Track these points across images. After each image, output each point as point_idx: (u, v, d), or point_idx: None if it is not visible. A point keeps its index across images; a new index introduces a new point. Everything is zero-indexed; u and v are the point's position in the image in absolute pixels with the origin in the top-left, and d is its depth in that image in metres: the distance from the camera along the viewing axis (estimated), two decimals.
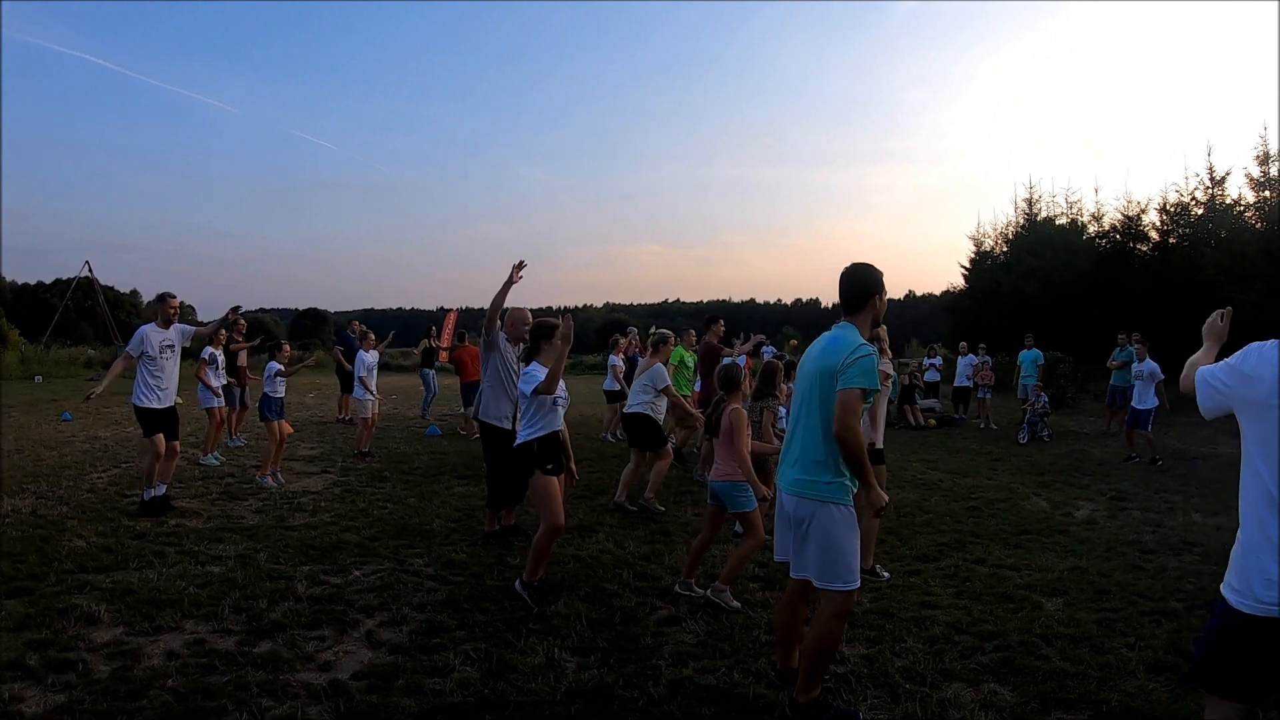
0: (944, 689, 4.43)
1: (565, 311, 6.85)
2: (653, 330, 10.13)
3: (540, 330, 5.81)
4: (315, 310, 68.52)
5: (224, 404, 11.49)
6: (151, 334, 8.21)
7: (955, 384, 19.16)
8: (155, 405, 8.18)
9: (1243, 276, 18.83)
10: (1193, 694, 3.98)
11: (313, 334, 55.71)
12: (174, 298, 8.43)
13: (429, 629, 5.29)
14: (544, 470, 5.72)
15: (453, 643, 5.08)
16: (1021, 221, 28.57)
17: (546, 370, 5.59)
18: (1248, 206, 21.40)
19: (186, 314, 64.91)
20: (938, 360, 19.93)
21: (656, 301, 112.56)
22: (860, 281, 4.04)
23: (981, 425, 17.79)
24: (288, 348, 10.34)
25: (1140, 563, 7.14)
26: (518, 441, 5.86)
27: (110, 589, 5.95)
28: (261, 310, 63.71)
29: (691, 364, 11.65)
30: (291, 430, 10.52)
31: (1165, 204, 23.73)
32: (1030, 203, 28.53)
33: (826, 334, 4.07)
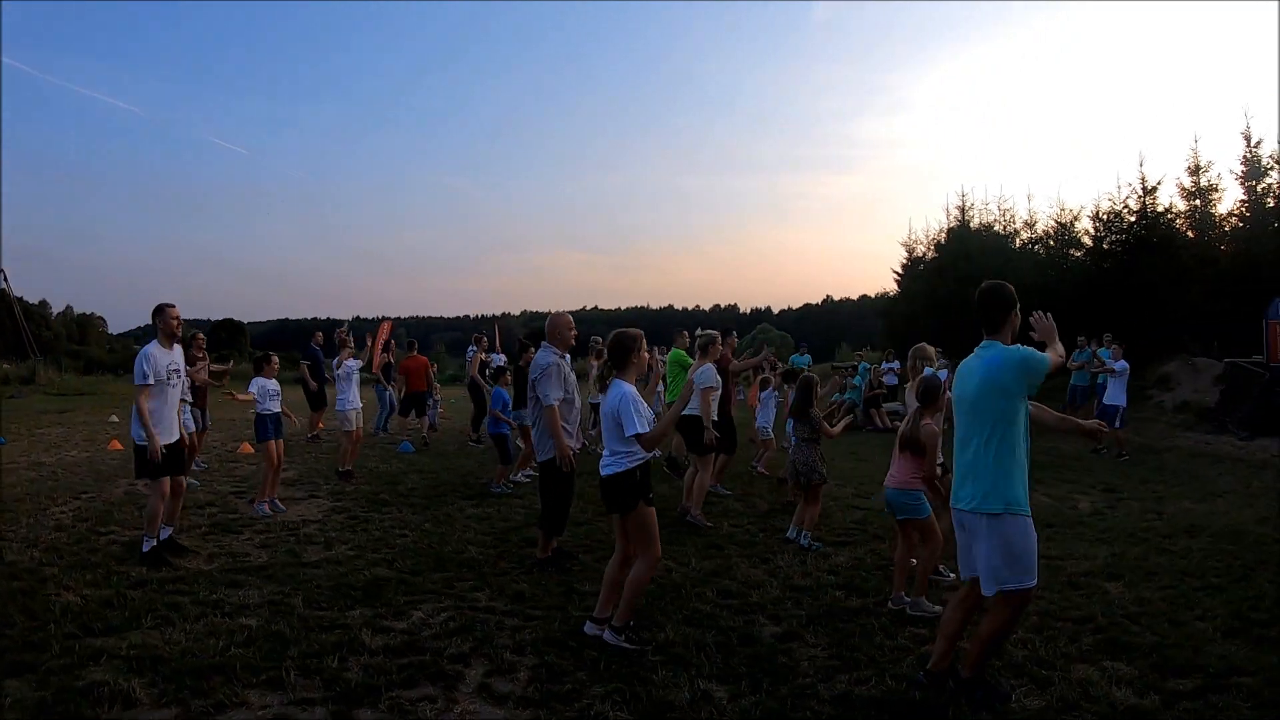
0: (1072, 671, 4.62)
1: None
2: (700, 332, 9.33)
3: (623, 345, 5.15)
4: (231, 320, 64.84)
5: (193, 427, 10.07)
6: (158, 356, 6.71)
7: None
8: (160, 441, 6.75)
9: (1178, 280, 19.55)
10: (1271, 649, 4.87)
11: (230, 345, 52.63)
12: (174, 308, 6.87)
13: (548, 674, 4.62)
14: (646, 501, 5.00)
15: (582, 686, 4.47)
16: (954, 227, 28.94)
17: (625, 392, 4.96)
18: (1179, 214, 22.28)
19: (96, 325, 61.13)
20: (895, 364, 19.64)
21: (575, 308, 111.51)
22: (999, 299, 4.16)
23: (946, 426, 17.34)
24: (276, 360, 9.02)
25: (1166, 546, 7.49)
26: (615, 470, 4.99)
27: (132, 656, 4.75)
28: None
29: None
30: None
31: (1098, 211, 24.35)
32: (963, 210, 28.94)
33: (975, 356, 4.19)
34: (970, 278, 24.83)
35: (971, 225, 28.03)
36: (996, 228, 27.58)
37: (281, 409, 8.78)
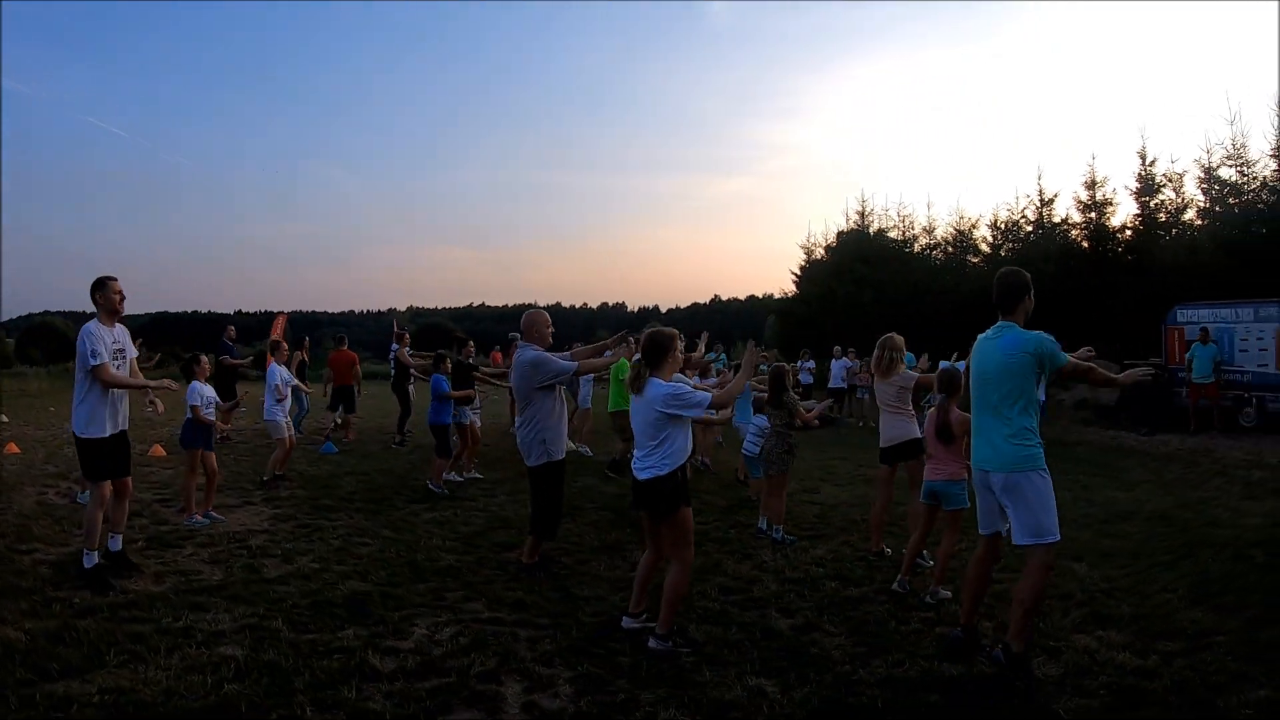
0: (1073, 641, 4.96)
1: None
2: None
3: (659, 343, 4.86)
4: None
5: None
6: (101, 334, 5.79)
7: (830, 385, 19.51)
8: (106, 433, 5.89)
9: (1073, 287, 20.15)
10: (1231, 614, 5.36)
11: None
12: (116, 281, 5.93)
13: (591, 684, 4.33)
14: (685, 503, 4.80)
15: (630, 694, 4.23)
16: (853, 231, 29.46)
17: (670, 384, 4.77)
18: (1074, 225, 23.42)
19: None
20: (810, 364, 19.96)
21: (462, 305, 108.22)
22: (1013, 284, 4.52)
23: (860, 424, 18.10)
24: (206, 362, 8.10)
25: (1107, 530, 7.82)
26: (657, 473, 4.73)
27: (108, 703, 4.04)
28: (47, 313, 54.97)
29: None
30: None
31: (996, 220, 25.32)
32: (863, 214, 29.51)
33: (995, 335, 4.51)
34: (868, 280, 26.14)
35: (871, 230, 28.72)
36: (894, 233, 28.37)
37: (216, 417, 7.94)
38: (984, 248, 25.46)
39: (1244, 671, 4.43)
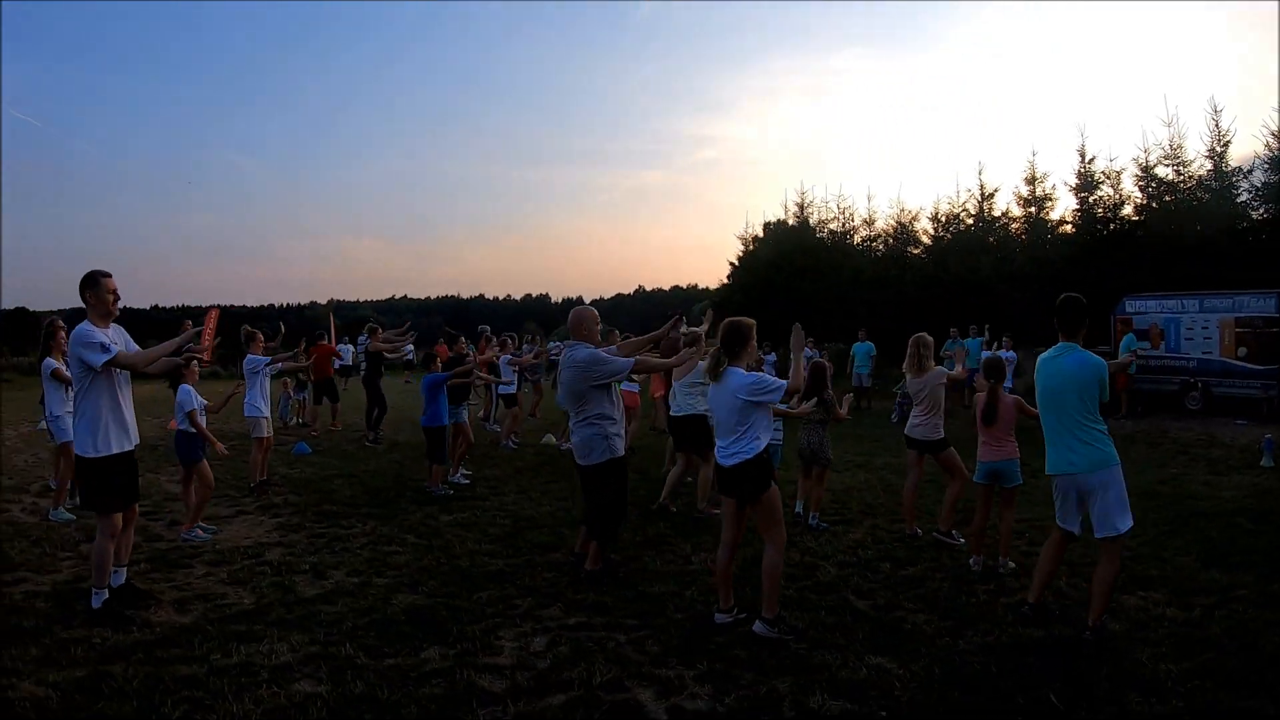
0: (1122, 601, 5.21)
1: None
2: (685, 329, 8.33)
3: (740, 332, 4.87)
4: (23, 310, 54.56)
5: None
6: (95, 333, 4.89)
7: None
8: (115, 449, 4.96)
9: (1013, 278, 20.80)
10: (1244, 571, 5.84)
11: (23, 337, 44.76)
12: (110, 278, 5.02)
13: (721, 681, 4.09)
14: (774, 482, 4.80)
15: (767, 685, 4.04)
16: (793, 224, 29.51)
17: (751, 374, 4.82)
18: (1014, 219, 23.48)
19: None
20: (773, 356, 19.64)
21: (384, 298, 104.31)
22: (1079, 310, 4.85)
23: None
24: (196, 365, 7.13)
25: None
26: (746, 456, 4.70)
27: None
28: None
29: None
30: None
31: (937, 213, 25.67)
32: (802, 206, 29.52)
33: (1061, 355, 4.87)
34: (809, 270, 26.24)
35: (811, 221, 28.84)
36: (834, 225, 28.62)
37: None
38: (925, 239, 25.90)
39: (1271, 619, 4.91)
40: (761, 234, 30.36)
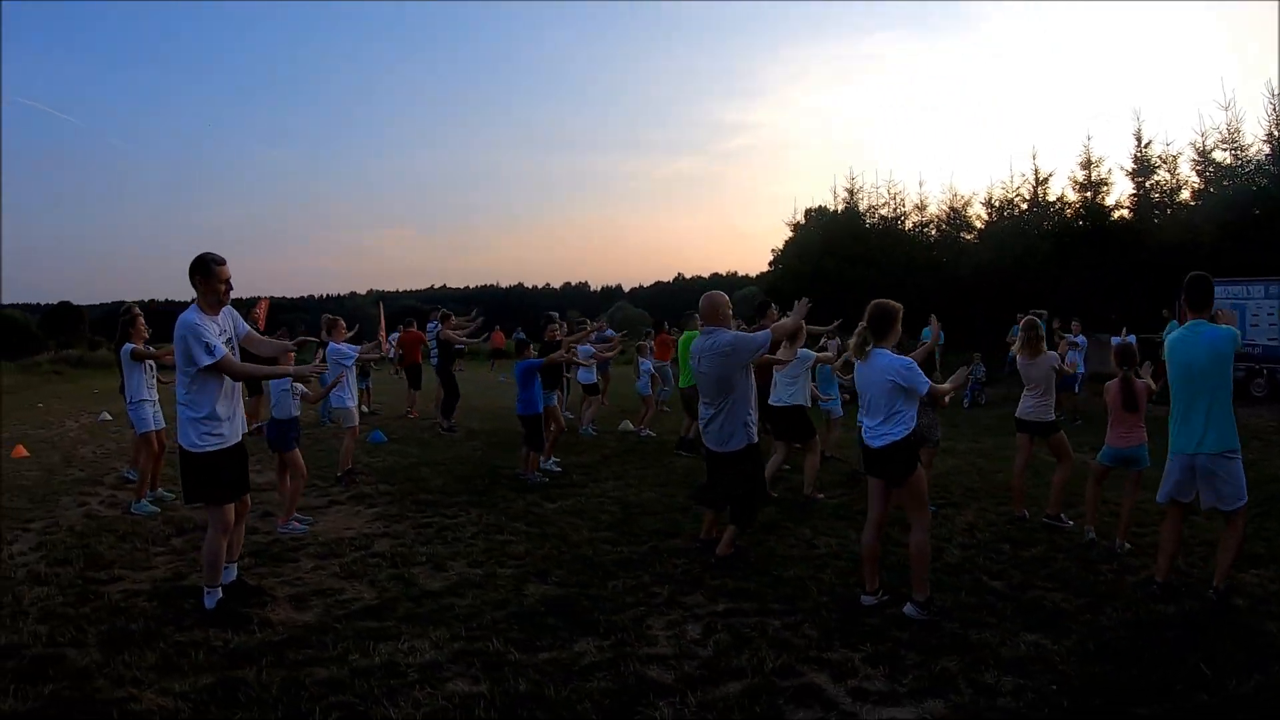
0: (1239, 578, 5.13)
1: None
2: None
3: (887, 314, 4.86)
4: (67, 304, 55.42)
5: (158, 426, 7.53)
6: (205, 323, 4.47)
7: None
8: (222, 444, 4.55)
9: (1069, 263, 20.31)
10: None
11: (68, 331, 45.43)
12: (224, 266, 4.59)
13: (893, 663, 3.97)
14: (920, 463, 4.84)
15: (937, 665, 3.93)
16: (842, 209, 28.91)
17: (904, 358, 4.81)
18: (1068, 205, 22.93)
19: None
20: (836, 341, 19.18)
21: (424, 287, 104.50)
22: (1207, 287, 4.87)
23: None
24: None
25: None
26: (894, 438, 4.70)
27: None
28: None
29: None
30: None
31: (990, 198, 25.03)
32: (852, 192, 28.85)
33: (1194, 332, 4.82)
34: (860, 257, 25.68)
35: (861, 207, 28.39)
36: (885, 211, 28.10)
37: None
38: (978, 224, 25.36)
39: None
40: (804, 220, 29.89)
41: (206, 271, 4.49)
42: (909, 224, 27.52)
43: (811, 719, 3.45)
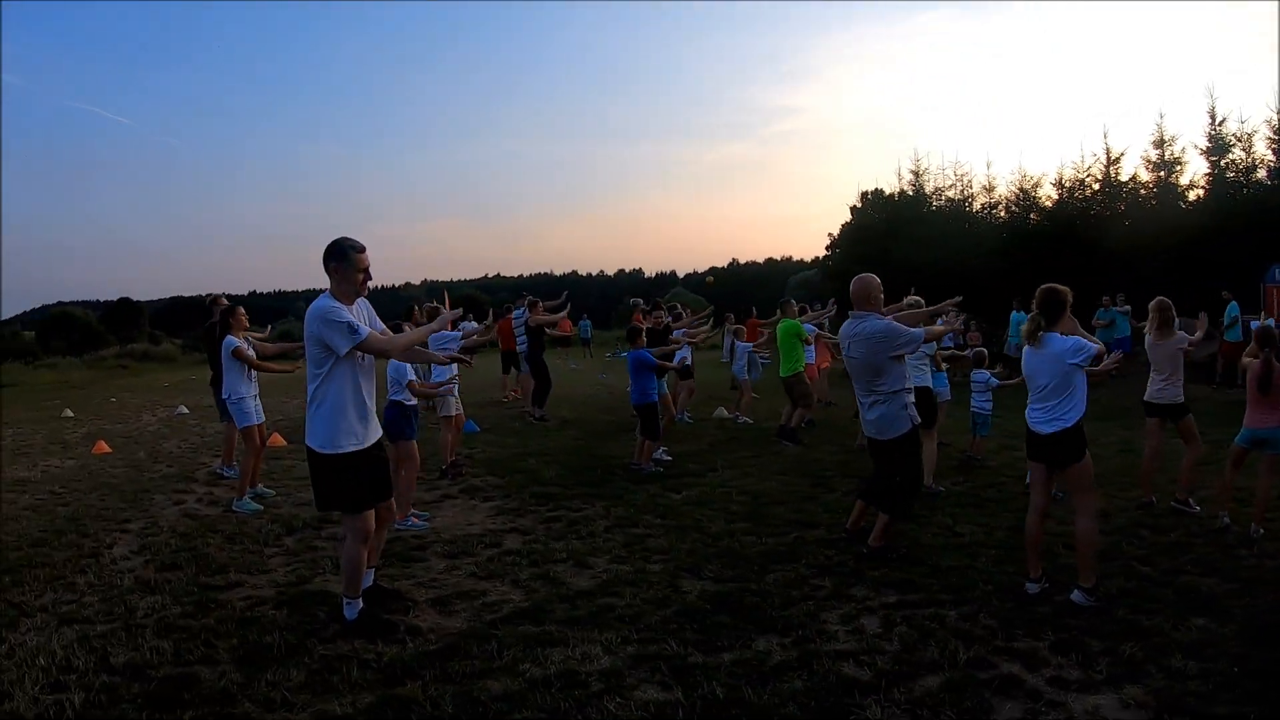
0: None
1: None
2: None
3: (1059, 298, 4.79)
4: (128, 300, 57.01)
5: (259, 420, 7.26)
6: (343, 315, 4.03)
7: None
8: (359, 445, 4.13)
9: (1144, 246, 19.81)
10: None
11: (129, 326, 46.52)
12: (363, 252, 4.14)
13: (1078, 651, 3.82)
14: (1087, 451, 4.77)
15: (1124, 651, 3.80)
16: (908, 192, 28.38)
17: (1073, 338, 4.72)
18: (1141, 185, 22.48)
19: None
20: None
21: (478, 276, 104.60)
22: None
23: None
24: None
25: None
26: (1062, 426, 4.65)
27: None
28: (61, 304, 53.03)
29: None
30: None
31: (1061, 179, 24.39)
32: (917, 174, 28.25)
33: None
34: (927, 240, 25.02)
35: (926, 189, 27.94)
36: (952, 193, 27.61)
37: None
38: (1048, 205, 24.75)
39: None
40: (859, 204, 29.51)
41: (343, 258, 4.06)
42: (977, 205, 26.99)
43: (1021, 709, 3.30)
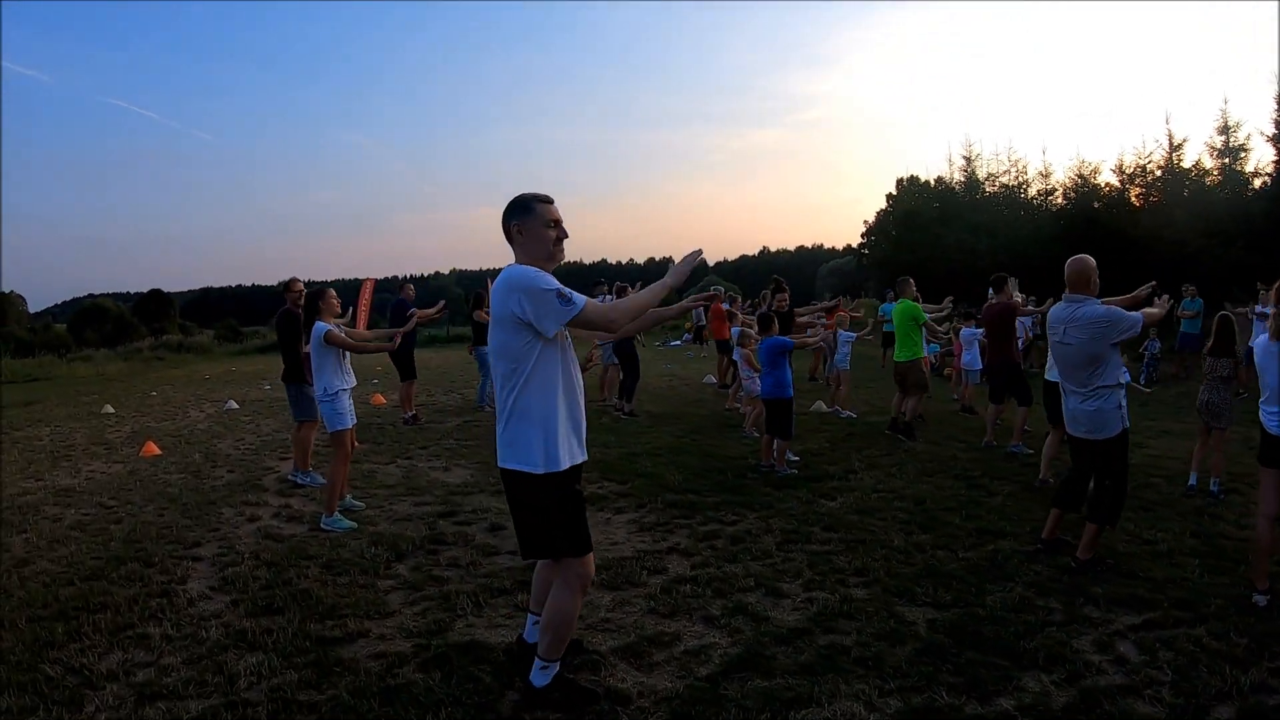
0: None
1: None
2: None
3: None
4: (159, 292, 57.31)
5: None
6: (549, 281, 3.20)
7: None
8: (574, 460, 3.29)
9: (1211, 234, 19.74)
10: None
11: (160, 318, 46.72)
12: (551, 203, 3.33)
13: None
14: None
15: None
16: (960, 179, 28.87)
17: None
18: (1206, 172, 22.37)
19: (16, 304, 53.43)
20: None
21: (505, 265, 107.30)
22: None
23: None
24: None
25: None
26: None
27: None
28: (91, 296, 53.37)
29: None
30: None
31: (1121, 165, 24.24)
32: (969, 160, 28.61)
33: None
34: (981, 227, 25.57)
35: (980, 176, 28.26)
36: (1005, 179, 27.89)
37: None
38: (1108, 193, 24.68)
39: None
40: (895, 191, 29.89)
41: (527, 211, 3.26)
42: (1033, 192, 27.09)
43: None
